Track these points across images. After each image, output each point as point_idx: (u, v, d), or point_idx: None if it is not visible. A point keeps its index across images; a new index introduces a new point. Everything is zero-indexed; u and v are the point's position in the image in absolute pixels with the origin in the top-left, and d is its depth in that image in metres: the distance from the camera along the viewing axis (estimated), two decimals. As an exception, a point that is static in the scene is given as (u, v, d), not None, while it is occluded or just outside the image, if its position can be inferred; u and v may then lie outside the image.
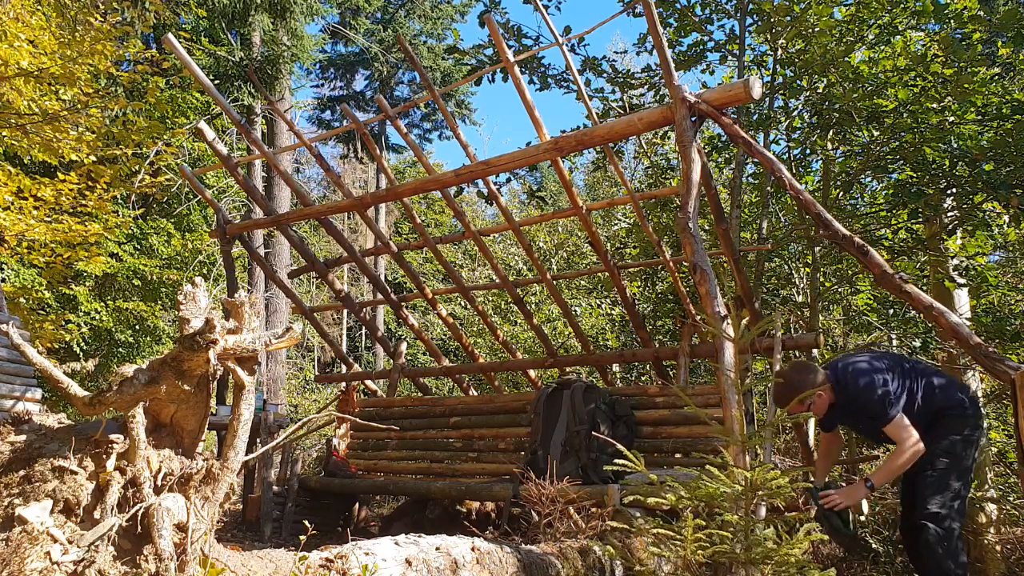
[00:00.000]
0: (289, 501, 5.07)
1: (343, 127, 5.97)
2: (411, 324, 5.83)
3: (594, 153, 8.46)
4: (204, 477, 1.57)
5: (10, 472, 1.45)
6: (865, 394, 3.23)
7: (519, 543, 2.57)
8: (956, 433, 3.18)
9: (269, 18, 11.40)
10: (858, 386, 3.26)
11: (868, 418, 3.29)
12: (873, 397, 3.22)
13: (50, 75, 6.31)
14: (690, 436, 4.32)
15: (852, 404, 3.33)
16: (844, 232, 2.92)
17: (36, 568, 1.28)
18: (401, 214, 21.50)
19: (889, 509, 6.06)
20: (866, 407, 3.24)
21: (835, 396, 3.36)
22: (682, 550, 2.05)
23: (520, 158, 3.95)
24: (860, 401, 3.27)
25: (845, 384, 3.32)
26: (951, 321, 2.68)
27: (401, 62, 19.14)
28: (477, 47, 6.90)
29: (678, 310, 6.76)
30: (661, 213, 7.19)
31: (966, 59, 4.80)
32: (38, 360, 1.50)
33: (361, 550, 1.70)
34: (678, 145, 3.19)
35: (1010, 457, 6.64)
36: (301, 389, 16.80)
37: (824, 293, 6.52)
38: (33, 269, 8.41)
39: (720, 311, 2.90)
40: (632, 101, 7.00)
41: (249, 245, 5.97)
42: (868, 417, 3.28)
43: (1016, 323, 6.36)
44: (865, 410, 3.26)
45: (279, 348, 1.67)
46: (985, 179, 4.79)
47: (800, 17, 5.32)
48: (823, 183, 6.36)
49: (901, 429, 3.18)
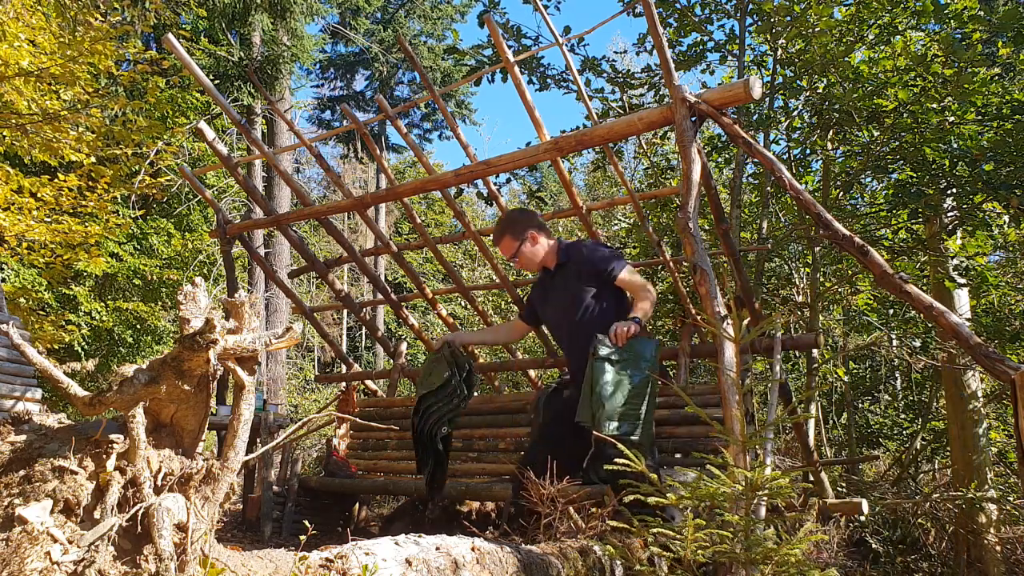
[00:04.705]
0: (289, 501, 5.07)
1: (343, 127, 5.97)
2: (411, 324, 5.83)
3: (594, 153, 8.47)
4: (204, 477, 1.57)
5: (10, 472, 1.45)
6: (595, 250, 3.41)
7: (519, 543, 2.57)
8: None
9: (269, 18, 11.40)
10: (587, 245, 3.48)
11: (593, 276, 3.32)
12: (603, 251, 3.40)
13: (50, 75, 6.31)
14: (690, 436, 4.31)
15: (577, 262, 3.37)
16: (844, 232, 2.92)
17: (36, 568, 1.28)
18: (401, 214, 21.50)
19: (889, 509, 6.06)
20: (594, 259, 3.34)
21: (557, 258, 3.45)
22: (682, 550, 2.05)
23: (520, 158, 3.95)
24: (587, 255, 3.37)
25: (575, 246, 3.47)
26: (951, 321, 2.68)
27: (401, 62, 19.13)
28: (477, 47, 6.90)
29: (678, 310, 6.76)
30: (661, 213, 7.19)
31: (966, 59, 4.80)
32: (38, 360, 1.50)
33: (361, 550, 1.70)
34: (678, 145, 3.19)
35: (1010, 457, 6.64)
36: (301, 389, 16.80)
37: (824, 293, 6.52)
38: (33, 269, 8.41)
39: (720, 311, 2.89)
40: (632, 101, 7.00)
41: (249, 245, 5.97)
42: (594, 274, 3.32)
43: (1016, 323, 6.36)
44: (593, 263, 3.33)
45: (279, 348, 1.67)
46: (985, 179, 4.79)
47: (800, 17, 5.32)
48: (823, 183, 6.36)
49: (634, 273, 3.35)
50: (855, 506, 4.63)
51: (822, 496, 5.00)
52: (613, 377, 2.97)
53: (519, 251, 3.45)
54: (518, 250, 3.45)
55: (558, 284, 3.47)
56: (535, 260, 3.48)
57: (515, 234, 3.45)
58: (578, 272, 3.39)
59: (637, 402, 2.98)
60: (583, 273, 3.37)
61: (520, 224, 3.48)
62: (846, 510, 4.72)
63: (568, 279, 3.42)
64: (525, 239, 3.45)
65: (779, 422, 2.48)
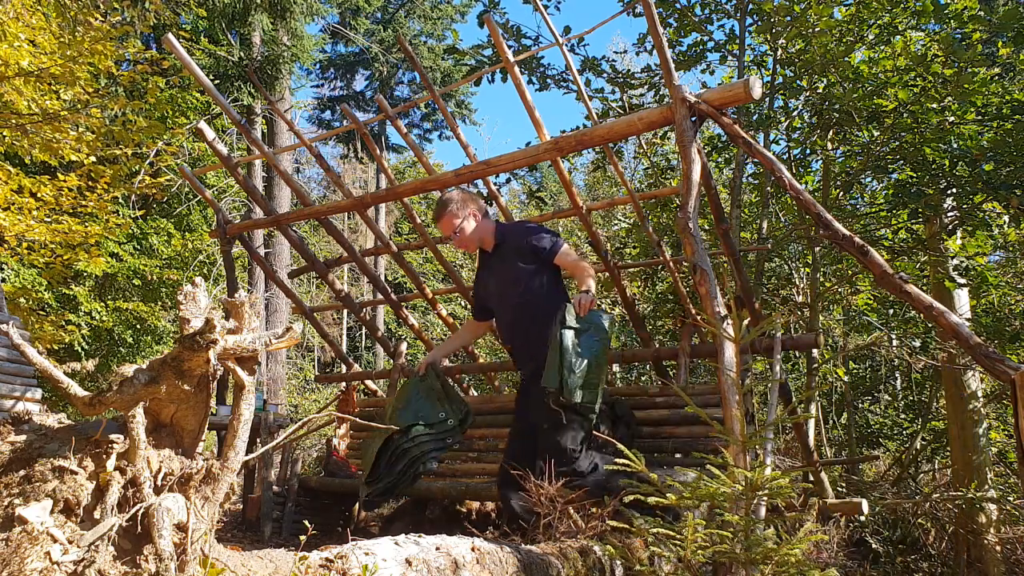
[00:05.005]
0: (289, 501, 5.07)
1: (343, 127, 5.97)
2: (411, 324, 5.83)
3: (594, 153, 8.46)
4: (204, 477, 1.57)
5: (10, 472, 1.45)
6: (531, 229, 3.43)
7: (519, 543, 2.57)
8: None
9: (269, 18, 11.40)
10: (523, 224, 3.52)
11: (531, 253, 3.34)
12: (541, 231, 3.42)
13: (50, 75, 6.30)
14: (690, 436, 4.31)
15: (515, 241, 3.39)
16: (844, 232, 2.92)
17: (36, 568, 1.28)
18: (401, 214, 21.48)
19: (889, 509, 6.06)
20: (531, 238, 3.36)
21: (495, 239, 3.45)
22: (682, 550, 2.05)
23: (520, 158, 3.95)
24: (525, 234, 3.39)
25: (511, 227, 3.50)
26: (951, 321, 2.68)
27: (401, 62, 19.13)
28: (476, 47, 6.90)
29: (678, 310, 6.75)
30: (661, 213, 7.19)
31: (966, 59, 4.79)
32: (38, 360, 1.50)
33: (361, 550, 1.70)
34: (678, 145, 3.18)
35: (1010, 457, 6.64)
36: (301, 389, 16.80)
37: (824, 293, 6.52)
38: (33, 269, 8.41)
39: (720, 311, 2.89)
40: (632, 101, 7.00)
41: (249, 245, 5.97)
42: (532, 251, 3.33)
43: (1016, 323, 6.36)
44: (531, 241, 3.35)
45: (279, 348, 1.67)
46: (985, 179, 4.79)
47: (800, 17, 5.31)
48: (823, 183, 6.36)
49: (571, 250, 3.38)
50: (855, 506, 4.63)
51: (822, 496, 5.00)
52: (577, 345, 3.04)
53: (459, 229, 3.44)
54: (458, 228, 3.44)
55: (496, 264, 3.49)
56: (474, 240, 3.48)
57: (455, 213, 3.44)
58: (517, 251, 3.40)
59: (598, 371, 3.04)
60: (522, 251, 3.38)
61: (459, 204, 3.47)
62: (846, 510, 4.72)
63: (507, 259, 3.43)
64: (465, 218, 3.44)
65: (779, 422, 2.48)
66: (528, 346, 3.33)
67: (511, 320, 3.50)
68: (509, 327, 3.58)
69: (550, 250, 3.33)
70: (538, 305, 3.27)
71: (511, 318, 3.49)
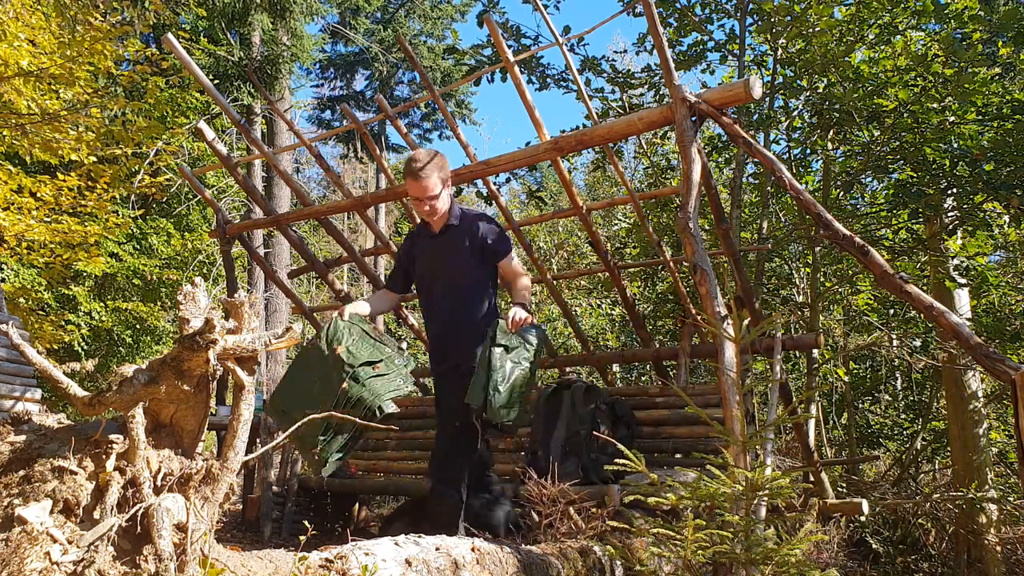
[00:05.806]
0: (289, 501, 5.07)
1: (343, 127, 5.97)
2: (411, 324, 5.83)
3: (594, 153, 8.46)
4: (204, 477, 1.56)
5: (10, 472, 1.45)
6: (492, 226, 3.29)
7: (519, 543, 2.57)
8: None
9: (269, 18, 11.39)
10: (485, 216, 3.34)
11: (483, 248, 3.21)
12: (503, 232, 3.31)
13: (50, 75, 6.30)
14: (690, 436, 4.31)
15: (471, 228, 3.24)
16: (844, 232, 2.92)
17: (36, 568, 1.28)
18: (401, 214, 21.48)
19: (889, 509, 6.06)
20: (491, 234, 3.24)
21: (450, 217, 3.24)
22: (682, 550, 2.05)
23: (520, 158, 3.95)
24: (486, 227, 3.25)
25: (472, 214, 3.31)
26: (951, 321, 2.68)
27: (401, 62, 19.12)
28: (476, 47, 6.90)
29: (678, 310, 6.75)
30: (661, 213, 7.19)
31: (966, 59, 4.80)
32: (38, 360, 1.50)
33: (361, 550, 1.70)
34: (678, 145, 3.18)
35: (1010, 457, 6.64)
36: (301, 389, 16.75)
37: (824, 293, 6.52)
38: (33, 269, 8.41)
39: (720, 311, 2.89)
40: (632, 101, 7.00)
41: (249, 245, 5.97)
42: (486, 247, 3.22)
43: (1016, 323, 6.37)
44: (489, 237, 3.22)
45: (279, 348, 1.67)
46: (985, 179, 4.79)
47: (800, 17, 5.31)
48: (823, 183, 6.36)
49: (517, 258, 3.30)
50: (855, 506, 4.63)
51: (822, 496, 5.00)
52: (507, 364, 2.98)
53: (439, 197, 3.16)
54: (439, 195, 3.15)
55: (442, 244, 3.29)
56: (443, 211, 3.23)
57: (443, 178, 3.17)
58: (471, 238, 3.23)
59: (523, 390, 3.00)
60: (476, 240, 3.23)
61: (441, 173, 3.17)
62: (846, 510, 4.72)
63: (458, 242, 3.25)
64: (446, 187, 3.21)
65: (779, 422, 2.48)
66: (449, 331, 3.23)
67: (440, 295, 3.31)
68: (434, 303, 3.36)
69: (504, 252, 3.24)
70: (470, 297, 3.20)
71: (440, 294, 3.31)
